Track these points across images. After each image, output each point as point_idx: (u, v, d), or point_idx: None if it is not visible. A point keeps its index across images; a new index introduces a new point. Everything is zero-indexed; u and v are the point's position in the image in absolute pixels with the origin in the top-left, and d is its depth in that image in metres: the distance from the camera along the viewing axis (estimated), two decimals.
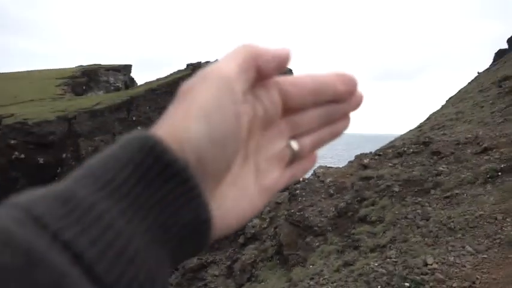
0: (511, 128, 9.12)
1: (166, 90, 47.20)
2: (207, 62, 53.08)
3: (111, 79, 58.52)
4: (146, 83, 52.26)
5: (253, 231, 12.20)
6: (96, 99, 46.49)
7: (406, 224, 7.35)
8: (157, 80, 51.53)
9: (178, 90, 0.41)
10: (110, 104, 43.14)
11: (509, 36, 36.65)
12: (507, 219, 5.85)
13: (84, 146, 39.96)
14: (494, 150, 8.29)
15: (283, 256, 10.28)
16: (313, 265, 8.45)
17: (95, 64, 60.77)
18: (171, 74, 52.10)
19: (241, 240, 12.58)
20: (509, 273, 4.77)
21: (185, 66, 52.43)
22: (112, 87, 57.72)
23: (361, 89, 0.46)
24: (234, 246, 12.77)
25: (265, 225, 12.13)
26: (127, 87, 58.46)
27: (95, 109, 42.04)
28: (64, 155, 39.07)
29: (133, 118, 43.75)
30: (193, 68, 50.15)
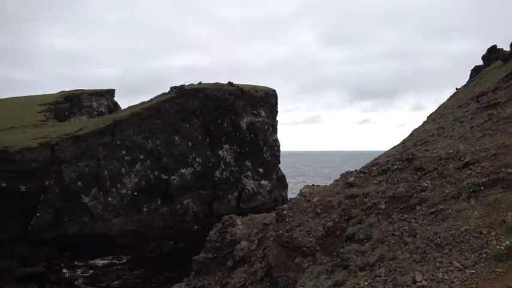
0: (490, 143, 9.33)
1: (150, 113, 47.07)
2: (191, 84, 53.01)
3: (94, 104, 58.13)
4: (130, 107, 52.05)
5: (241, 253, 12.08)
6: (79, 124, 46.04)
7: (393, 241, 7.37)
8: (141, 103, 51.39)
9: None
10: (94, 128, 42.73)
11: (483, 54, 37.90)
12: (492, 233, 5.92)
13: (68, 172, 39.28)
14: (475, 164, 8.45)
15: (273, 278, 10.17)
16: (303, 286, 8.37)
17: (77, 90, 60.36)
18: (155, 97, 52.03)
19: (229, 263, 12.42)
20: None
21: (169, 89, 52.54)
22: (95, 112, 57.28)
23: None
24: (222, 270, 12.58)
25: (253, 247, 12.01)
26: (110, 111, 58.08)
27: (78, 134, 41.57)
28: (47, 182, 38.28)
29: (118, 142, 43.38)
30: (178, 90, 50.24)
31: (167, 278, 27.20)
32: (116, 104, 62.44)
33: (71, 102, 55.68)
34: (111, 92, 62.37)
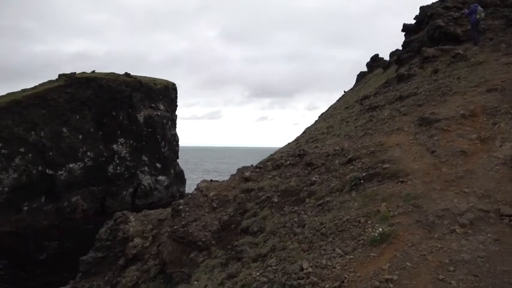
0: (370, 141, 10.34)
1: (34, 102, 42.54)
2: (83, 73, 49.13)
3: None
4: (9, 94, 46.37)
5: (134, 251, 11.59)
6: None
7: (284, 232, 7.74)
8: (23, 90, 46.14)
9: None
10: None
11: (368, 61, 41.92)
12: (368, 222, 6.57)
13: None
14: (357, 160, 9.30)
15: (166, 275, 9.95)
16: (197, 281, 8.35)
17: None
18: (40, 85, 47.16)
19: (121, 262, 11.84)
20: (372, 270, 5.35)
21: (57, 77, 48.02)
22: None
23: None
24: (113, 270, 11.93)
25: (147, 244, 11.61)
26: None
27: None
28: None
29: None
30: (67, 78, 46.18)
31: (50, 282, 24.89)
32: None
33: None
34: None
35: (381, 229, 6.10)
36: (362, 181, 8.20)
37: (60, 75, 47.95)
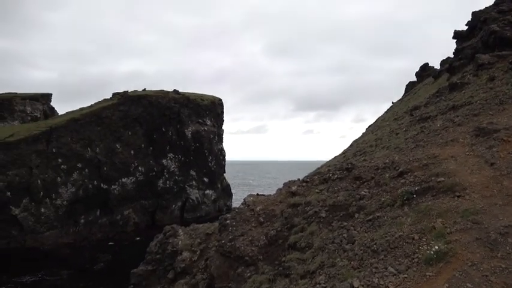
0: (422, 153, 9.90)
1: (90, 120, 45.01)
2: (135, 91, 51.46)
3: (28, 109, 54.49)
4: (68, 113, 49.46)
5: (183, 265, 11.75)
6: (10, 130, 42.90)
7: (333, 248, 7.52)
8: (81, 109, 49.02)
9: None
10: (26, 135, 40.00)
11: (417, 71, 40.55)
12: (423, 239, 6.23)
13: None
14: (409, 174, 8.91)
15: None
16: None
17: (9, 93, 56.35)
18: (96, 103, 49.89)
19: (170, 275, 12.04)
20: None
21: (111, 96, 50.62)
22: (29, 118, 53.67)
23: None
24: (162, 283, 12.15)
25: (195, 258, 11.74)
26: (46, 117, 54.75)
27: (8, 141, 38.69)
28: None
29: (54, 150, 40.94)
30: (120, 97, 48.55)
31: None
32: (52, 110, 58.99)
33: (1, 106, 51.77)
34: (47, 97, 58.86)
35: (437, 247, 5.74)
36: (415, 195, 7.82)
37: (113, 94, 50.51)
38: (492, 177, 7.42)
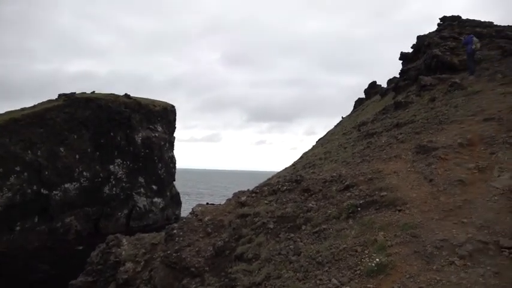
0: (367, 168, 10.27)
1: (32, 121, 42.50)
2: (83, 93, 49.37)
3: None
4: (8, 112, 46.42)
5: (125, 276, 11.30)
6: None
7: (279, 260, 7.57)
8: (22, 109, 46.20)
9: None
10: None
11: (365, 88, 42.33)
12: (365, 251, 6.43)
13: None
14: (354, 187, 9.20)
15: None
16: None
17: None
18: (40, 104, 47.27)
19: (112, 287, 11.52)
20: None
21: (57, 96, 48.20)
22: None
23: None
24: None
25: (139, 269, 11.34)
26: None
27: None
28: None
29: None
30: (67, 98, 46.36)
31: None
32: None
33: None
34: None
35: (378, 259, 5.95)
36: (359, 209, 8.08)
37: (60, 95, 48.16)
38: (430, 193, 7.84)
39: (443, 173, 8.53)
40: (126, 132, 49.12)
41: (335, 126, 35.62)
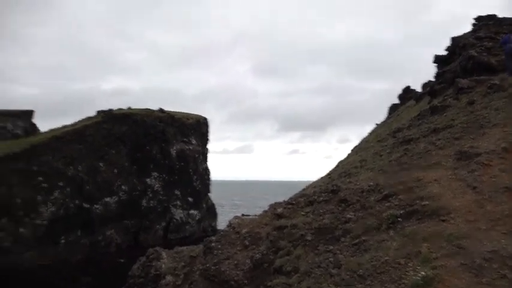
0: (407, 176, 10.01)
1: (72, 138, 44.28)
2: (119, 109, 51.10)
3: (9, 125, 53.43)
4: (50, 130, 48.64)
5: None
6: None
7: (319, 273, 7.47)
8: (63, 127, 48.30)
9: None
10: (7, 152, 39.10)
11: (399, 93, 41.41)
12: (409, 264, 6.25)
13: None
14: (394, 196, 8.97)
15: None
16: None
17: None
18: (80, 121, 49.24)
19: None
20: None
21: (95, 113, 50.10)
22: (9, 135, 52.57)
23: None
24: None
25: (179, 282, 11.48)
26: (28, 134, 53.71)
27: None
28: None
29: (34, 168, 39.99)
30: (104, 115, 48.09)
31: None
32: (34, 127, 57.97)
33: None
34: (29, 113, 57.86)
35: (423, 272, 5.76)
36: (400, 219, 7.87)
37: (98, 112, 50.03)
38: (475, 201, 7.54)
39: (487, 179, 8.20)
40: (161, 146, 50.27)
41: (369, 133, 34.96)
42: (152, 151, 49.42)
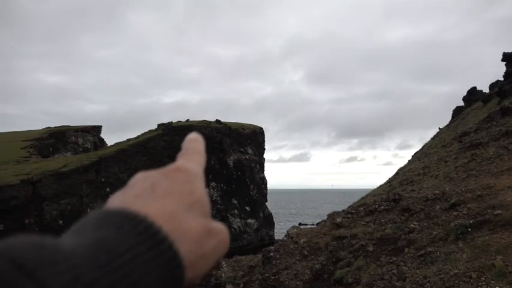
0: (475, 183, 9.39)
1: (136, 150, 46.72)
2: (178, 122, 53.00)
3: (80, 140, 57.55)
4: (116, 144, 51.71)
5: None
6: (63, 161, 45.25)
7: (382, 285, 7.18)
8: (128, 140, 51.12)
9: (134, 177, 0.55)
10: (78, 165, 42.03)
11: (464, 95, 39.09)
12: (482, 278, 5.81)
13: (49, 210, 38.14)
14: (462, 205, 8.44)
15: None
16: None
17: (63, 126, 59.94)
18: (142, 134, 51.90)
19: None
20: None
21: (156, 127, 52.53)
22: (81, 149, 56.57)
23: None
24: None
25: None
26: (96, 148, 57.48)
27: (61, 171, 40.75)
28: (27, 221, 37.02)
29: (102, 179, 42.59)
30: (165, 127, 50.26)
31: None
32: (102, 141, 61.95)
33: (56, 138, 55.00)
34: (97, 129, 62.01)
35: (498, 287, 5.34)
36: (469, 229, 7.38)
37: (158, 125, 52.40)
38: None
39: None
40: (218, 156, 51.44)
41: (432, 138, 33.30)
42: (210, 161, 50.69)
